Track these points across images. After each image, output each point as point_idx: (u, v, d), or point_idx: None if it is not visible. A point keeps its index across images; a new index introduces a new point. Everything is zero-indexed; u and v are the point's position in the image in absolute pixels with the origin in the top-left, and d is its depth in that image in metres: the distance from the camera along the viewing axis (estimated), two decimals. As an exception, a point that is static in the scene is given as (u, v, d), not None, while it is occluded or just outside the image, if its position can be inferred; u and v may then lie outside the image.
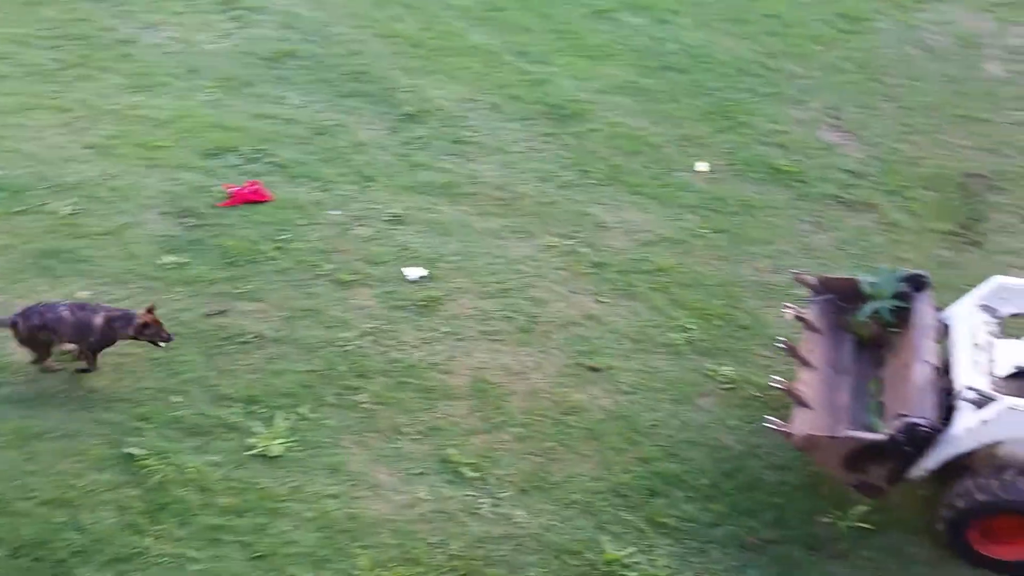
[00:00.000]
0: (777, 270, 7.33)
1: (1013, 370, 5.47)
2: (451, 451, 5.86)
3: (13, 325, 5.85)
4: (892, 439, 5.24)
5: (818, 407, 5.71)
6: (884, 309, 6.03)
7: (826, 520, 5.59)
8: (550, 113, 8.83)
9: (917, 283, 6.09)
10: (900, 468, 5.38)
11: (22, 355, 6.02)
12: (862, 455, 5.36)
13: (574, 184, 8.04)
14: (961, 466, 5.35)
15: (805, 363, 5.94)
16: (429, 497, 5.62)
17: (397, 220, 7.55)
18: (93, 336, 5.84)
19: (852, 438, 5.40)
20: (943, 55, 10.20)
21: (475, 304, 6.85)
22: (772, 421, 5.56)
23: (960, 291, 7.08)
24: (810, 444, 5.45)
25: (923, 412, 5.29)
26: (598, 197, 7.92)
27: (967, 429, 5.18)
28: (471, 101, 8.95)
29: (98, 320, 5.82)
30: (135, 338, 5.88)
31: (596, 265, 7.26)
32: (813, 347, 6.05)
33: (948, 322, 5.93)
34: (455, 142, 8.45)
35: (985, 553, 5.38)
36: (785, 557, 5.43)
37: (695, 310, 6.91)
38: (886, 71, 9.82)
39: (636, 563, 5.34)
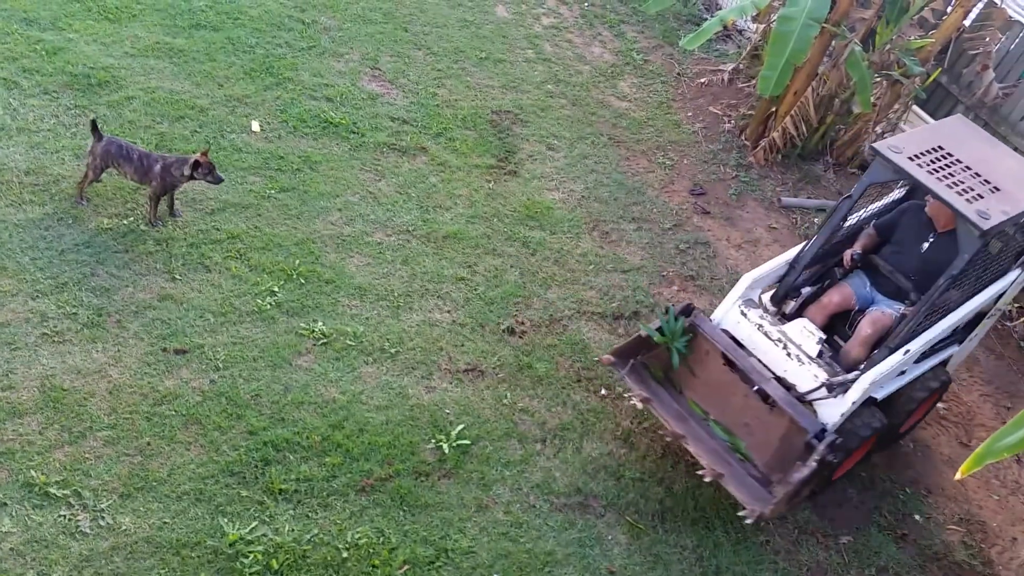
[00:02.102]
0: (349, 221, 7.53)
1: (819, 346, 6.08)
2: (32, 473, 5.25)
3: (100, 137, 6.72)
4: (823, 461, 5.70)
5: (722, 469, 5.93)
6: (680, 348, 6.27)
7: (431, 446, 6.05)
8: (75, 84, 7.94)
9: (688, 312, 6.29)
10: (828, 475, 5.95)
11: None
12: (803, 487, 5.78)
13: (119, 158, 7.40)
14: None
15: (681, 438, 6.04)
16: (16, 529, 5.01)
17: (-97, 224, 6.35)
18: (155, 180, 6.75)
19: (796, 480, 5.70)
20: (457, 1, 11.02)
21: (28, 306, 6.08)
22: (745, 513, 5.73)
23: (506, 217, 8.00)
24: (776, 511, 5.77)
25: (816, 425, 5.78)
26: (149, 169, 7.39)
27: (842, 414, 5.86)
28: (-26, 77, 7.72)
29: (157, 167, 6.73)
30: (191, 178, 6.79)
31: (160, 242, 6.81)
32: (665, 417, 6.16)
33: (726, 328, 6.30)
34: (-37, 126, 7.26)
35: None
36: (400, 489, 5.76)
37: (277, 272, 6.85)
38: (410, 20, 10.35)
39: (261, 536, 5.32)
